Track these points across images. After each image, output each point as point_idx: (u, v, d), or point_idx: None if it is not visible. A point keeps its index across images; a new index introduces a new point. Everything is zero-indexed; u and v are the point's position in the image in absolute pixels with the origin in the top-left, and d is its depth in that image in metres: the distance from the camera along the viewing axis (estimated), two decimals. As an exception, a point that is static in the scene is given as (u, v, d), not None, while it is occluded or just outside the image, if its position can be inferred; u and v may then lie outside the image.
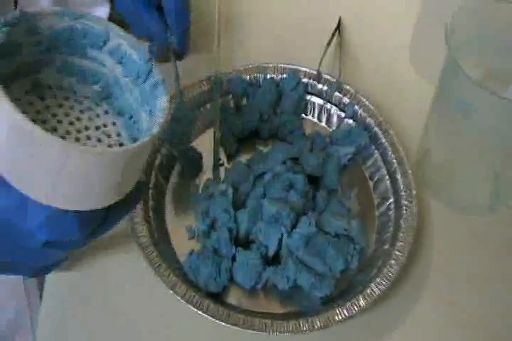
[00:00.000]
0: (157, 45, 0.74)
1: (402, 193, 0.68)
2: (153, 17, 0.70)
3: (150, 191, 0.69)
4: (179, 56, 0.74)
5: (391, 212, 0.68)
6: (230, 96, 0.77)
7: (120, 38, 0.50)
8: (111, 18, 0.79)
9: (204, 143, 0.74)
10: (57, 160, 0.41)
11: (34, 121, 0.41)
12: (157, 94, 0.49)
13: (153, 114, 0.49)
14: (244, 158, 0.73)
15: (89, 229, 0.48)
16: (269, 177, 0.68)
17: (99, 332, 0.64)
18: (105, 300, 0.65)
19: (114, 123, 0.52)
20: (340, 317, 0.60)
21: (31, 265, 0.54)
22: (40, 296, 0.67)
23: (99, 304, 0.65)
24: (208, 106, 0.76)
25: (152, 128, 0.46)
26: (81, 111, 0.51)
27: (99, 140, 0.50)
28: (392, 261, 0.63)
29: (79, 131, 0.49)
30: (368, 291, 0.61)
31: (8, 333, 0.80)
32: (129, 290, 0.65)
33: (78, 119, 0.50)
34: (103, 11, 0.78)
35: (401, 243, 0.64)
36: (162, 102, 0.48)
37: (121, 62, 0.51)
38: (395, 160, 0.70)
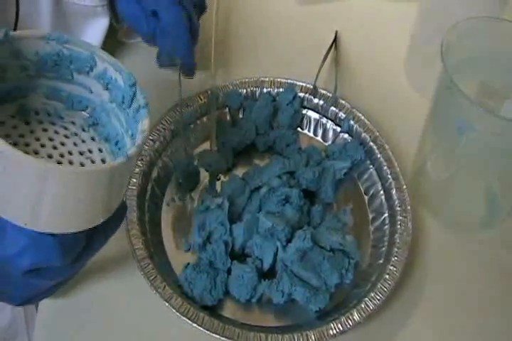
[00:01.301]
0: (165, 54, 0.74)
1: (397, 208, 0.68)
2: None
3: (146, 203, 0.69)
4: (188, 73, 0.73)
5: (386, 227, 0.68)
6: (227, 109, 0.77)
7: (105, 63, 0.50)
8: (111, 29, 0.80)
9: (201, 156, 0.74)
10: (33, 181, 0.41)
11: (15, 144, 0.40)
12: (139, 117, 0.48)
13: (134, 137, 0.48)
14: (240, 171, 0.73)
15: (72, 253, 0.47)
16: (264, 191, 0.68)
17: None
18: (100, 310, 0.65)
19: (100, 150, 0.52)
20: (334, 331, 0.60)
21: (16, 294, 0.52)
22: (36, 305, 0.67)
23: (94, 314, 0.65)
24: (205, 119, 0.76)
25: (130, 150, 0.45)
26: (66, 137, 0.51)
27: (81, 165, 0.49)
28: (387, 276, 0.63)
29: (61, 156, 0.49)
30: (363, 305, 0.61)
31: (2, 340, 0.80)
32: (125, 302, 0.65)
33: (62, 144, 0.50)
34: (102, 22, 0.78)
35: (395, 258, 0.64)
36: (143, 125, 0.47)
37: (107, 88, 0.51)
38: (390, 175, 0.70)
